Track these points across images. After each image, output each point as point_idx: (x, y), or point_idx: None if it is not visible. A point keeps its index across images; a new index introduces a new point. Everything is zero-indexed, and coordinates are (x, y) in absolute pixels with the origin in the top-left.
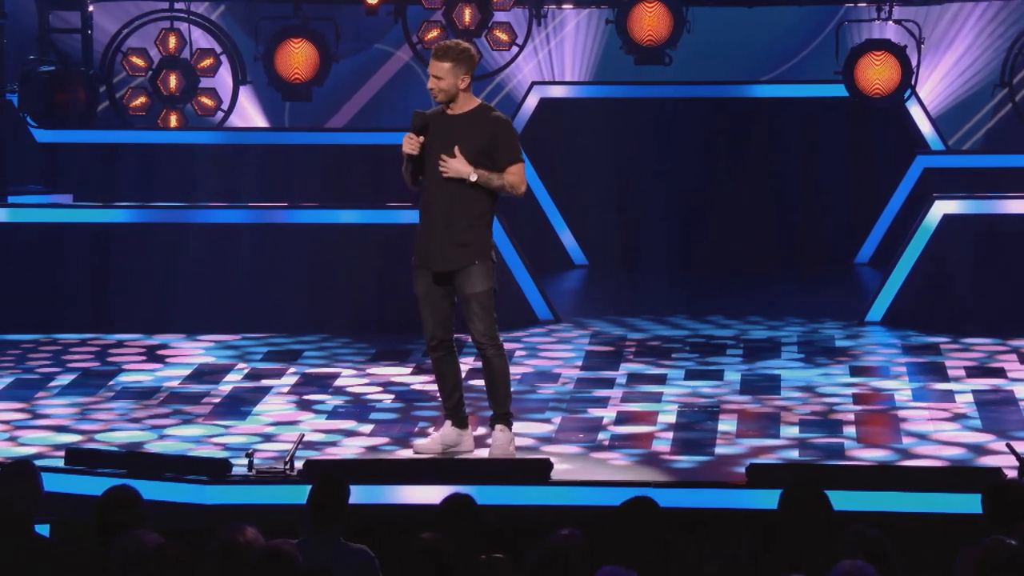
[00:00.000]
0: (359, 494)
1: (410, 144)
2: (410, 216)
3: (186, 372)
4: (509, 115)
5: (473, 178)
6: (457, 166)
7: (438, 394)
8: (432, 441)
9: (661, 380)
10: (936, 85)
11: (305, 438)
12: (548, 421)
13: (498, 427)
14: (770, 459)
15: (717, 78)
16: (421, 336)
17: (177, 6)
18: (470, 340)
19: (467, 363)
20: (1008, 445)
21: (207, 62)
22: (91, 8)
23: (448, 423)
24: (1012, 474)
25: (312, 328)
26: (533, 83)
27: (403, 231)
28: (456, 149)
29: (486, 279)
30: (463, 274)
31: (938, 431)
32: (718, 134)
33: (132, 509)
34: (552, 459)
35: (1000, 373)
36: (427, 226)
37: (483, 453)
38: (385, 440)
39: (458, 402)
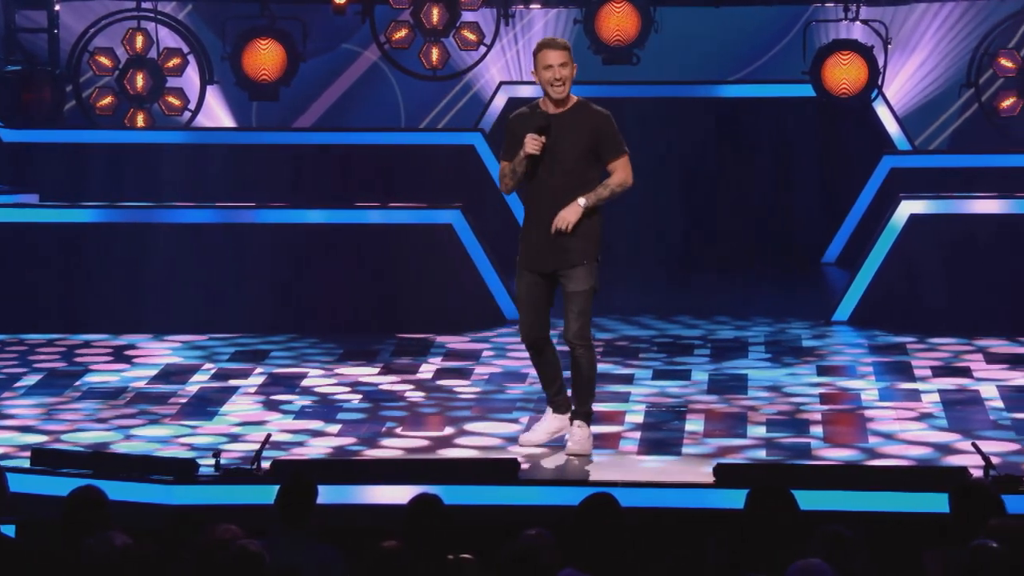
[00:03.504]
0: (327, 494)
1: (535, 144)
2: (378, 216)
3: (153, 372)
4: (476, 115)
5: (582, 206)
6: (569, 217)
7: (540, 385)
8: (535, 432)
9: (628, 380)
10: (903, 85)
11: (272, 438)
12: (516, 421)
13: (576, 423)
14: (737, 459)
15: (685, 78)
16: (389, 336)
17: (144, 5)
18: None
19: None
20: (974, 444)
21: (174, 62)
22: (57, 7)
23: (550, 411)
24: (978, 473)
25: (280, 328)
26: (501, 83)
27: (372, 231)
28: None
29: (588, 278)
30: (569, 272)
31: (904, 431)
32: (686, 134)
33: (98, 509)
34: (519, 459)
35: (966, 373)
36: (537, 228)
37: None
38: (352, 440)
39: (558, 390)
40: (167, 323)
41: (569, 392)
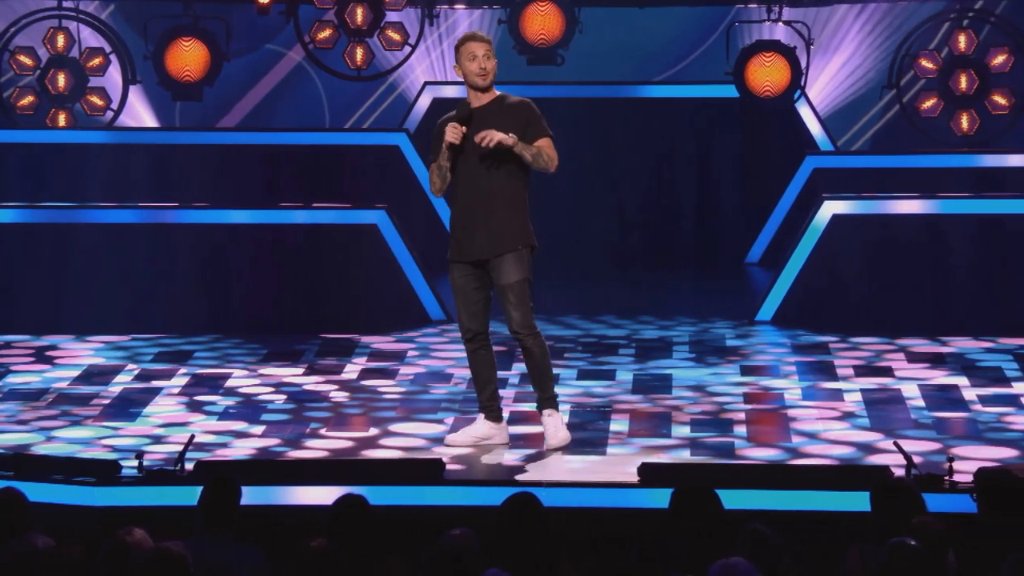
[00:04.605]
0: (251, 495)
1: (455, 133)
2: (302, 216)
3: (75, 373)
4: (401, 116)
5: (511, 141)
6: (495, 135)
7: (473, 387)
8: (463, 434)
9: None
10: (825, 86)
11: (195, 439)
12: (440, 422)
13: (545, 412)
14: (662, 458)
15: (609, 78)
16: (313, 336)
17: (65, 4)
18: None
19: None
20: (896, 443)
21: (96, 61)
22: None
23: (481, 416)
24: (900, 472)
25: (203, 328)
26: (426, 83)
27: (296, 231)
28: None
29: (520, 269)
30: (497, 263)
31: (827, 430)
32: (609, 134)
33: (19, 511)
34: (444, 459)
35: (888, 372)
36: (463, 218)
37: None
38: (276, 441)
39: (492, 395)
40: (89, 324)
41: (526, 392)
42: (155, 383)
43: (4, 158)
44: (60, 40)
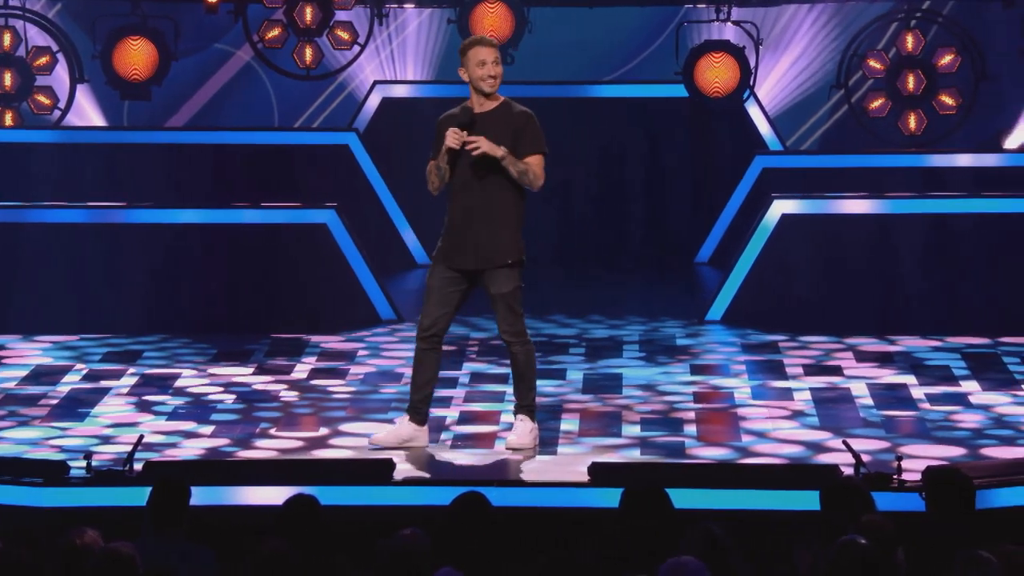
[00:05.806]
0: (200, 495)
1: (455, 138)
2: (252, 215)
3: (23, 373)
4: (350, 115)
5: (500, 153)
6: (484, 145)
7: (409, 383)
8: (389, 434)
9: (503, 379)
10: (774, 86)
11: (144, 439)
12: (391, 421)
13: (519, 417)
14: (612, 458)
15: (558, 78)
16: (262, 336)
17: (12, 2)
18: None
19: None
20: (845, 442)
21: (43, 60)
22: None
23: (406, 417)
24: (848, 471)
25: (152, 328)
26: (375, 82)
27: (246, 230)
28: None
29: (514, 278)
30: (492, 273)
31: (777, 429)
32: (559, 134)
33: None
34: (394, 459)
35: (837, 371)
36: (458, 226)
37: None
38: (226, 441)
39: (425, 398)
40: (37, 323)
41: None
42: (103, 383)
43: None
44: (6, 39)
